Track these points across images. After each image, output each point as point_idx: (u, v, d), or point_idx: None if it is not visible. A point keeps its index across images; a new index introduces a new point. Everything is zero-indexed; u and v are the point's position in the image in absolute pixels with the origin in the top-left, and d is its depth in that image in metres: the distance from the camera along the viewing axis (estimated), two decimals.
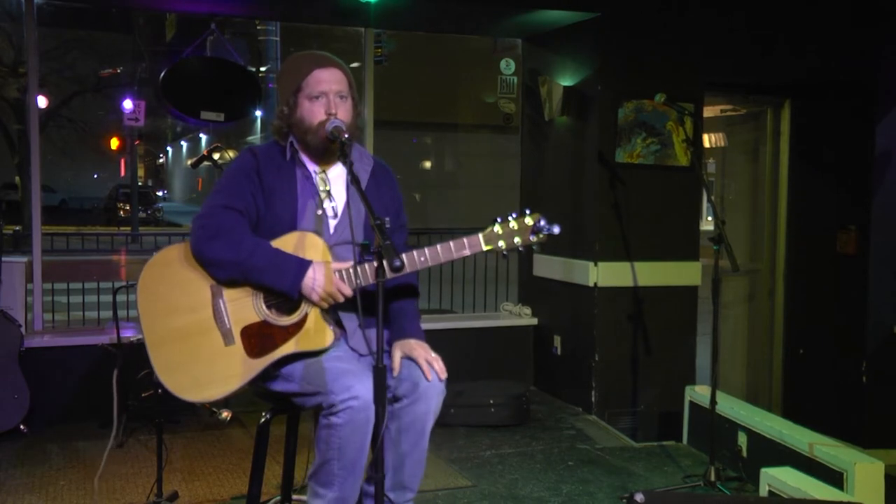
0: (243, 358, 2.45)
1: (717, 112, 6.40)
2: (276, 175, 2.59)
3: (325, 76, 2.55)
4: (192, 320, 2.48)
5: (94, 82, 22.39)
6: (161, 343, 2.50)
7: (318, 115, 2.53)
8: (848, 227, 5.53)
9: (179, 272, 2.52)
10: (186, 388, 2.49)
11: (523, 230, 2.24)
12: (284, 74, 2.64)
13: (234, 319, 2.48)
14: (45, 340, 5.06)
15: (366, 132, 5.78)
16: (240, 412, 4.71)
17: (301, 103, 2.56)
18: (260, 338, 2.45)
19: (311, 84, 2.55)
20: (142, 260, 2.63)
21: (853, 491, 3.54)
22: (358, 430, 2.35)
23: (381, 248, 2.13)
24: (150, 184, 38.44)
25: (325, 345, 2.39)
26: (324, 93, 2.54)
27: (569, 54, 5.52)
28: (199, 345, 2.47)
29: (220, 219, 2.49)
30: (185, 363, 2.49)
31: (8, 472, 4.15)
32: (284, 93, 2.61)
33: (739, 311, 6.37)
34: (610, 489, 4.10)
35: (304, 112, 2.55)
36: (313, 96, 2.54)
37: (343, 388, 2.35)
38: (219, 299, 2.49)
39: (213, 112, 5.25)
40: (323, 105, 2.53)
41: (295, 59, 2.67)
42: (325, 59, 2.60)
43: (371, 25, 5.75)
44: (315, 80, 2.55)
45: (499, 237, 2.28)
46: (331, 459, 2.39)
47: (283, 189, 2.58)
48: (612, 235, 5.20)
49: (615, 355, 5.26)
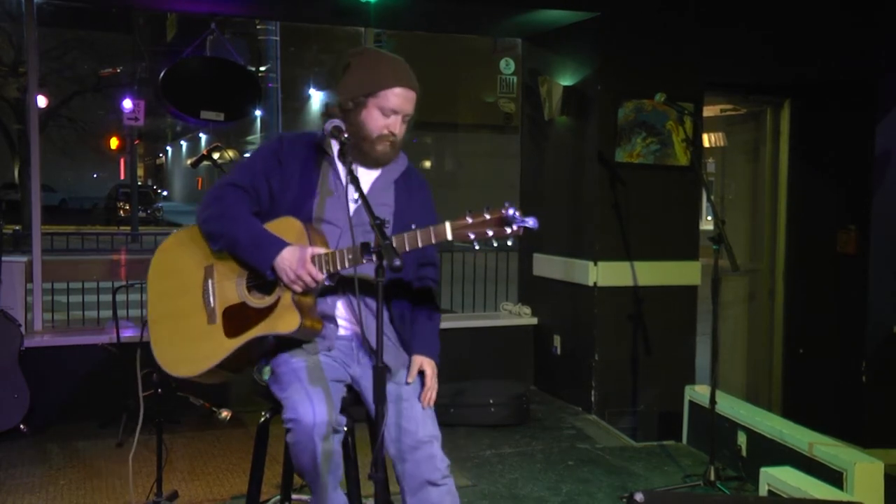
0: (221, 338, 2.49)
1: (717, 112, 6.40)
2: (299, 163, 2.56)
3: (405, 96, 2.51)
4: (185, 300, 2.57)
5: (93, 82, 22.38)
6: (158, 320, 2.62)
7: (380, 128, 2.51)
8: (848, 226, 5.53)
9: (181, 254, 2.63)
10: (172, 363, 2.57)
11: (493, 221, 2.15)
12: (361, 70, 2.54)
13: (219, 300, 2.53)
14: (45, 340, 5.06)
15: None
16: (240, 412, 4.71)
17: (370, 109, 2.50)
18: (238, 318, 2.49)
19: (389, 98, 2.49)
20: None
21: (853, 490, 3.54)
22: (303, 450, 2.36)
23: (380, 248, 2.13)
24: (150, 183, 38.42)
25: (290, 329, 2.38)
26: (396, 112, 2.51)
27: (569, 54, 5.52)
28: (188, 323, 2.56)
29: (221, 193, 2.55)
30: (173, 339, 2.59)
31: (8, 471, 4.15)
32: (353, 87, 2.52)
33: (739, 310, 6.37)
34: (610, 489, 4.10)
35: (369, 119, 2.51)
36: (385, 110, 2.50)
37: (290, 407, 2.37)
38: (209, 280, 2.56)
39: (213, 112, 5.25)
40: (390, 123, 2.51)
41: (377, 60, 2.57)
42: (407, 78, 2.54)
43: (371, 25, 5.74)
44: (394, 95, 2.49)
45: (468, 227, 2.18)
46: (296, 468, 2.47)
47: (304, 178, 2.56)
48: (611, 235, 5.20)
49: (615, 355, 5.26)
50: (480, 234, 2.15)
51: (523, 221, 2.12)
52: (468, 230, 2.17)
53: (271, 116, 24.84)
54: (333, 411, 2.38)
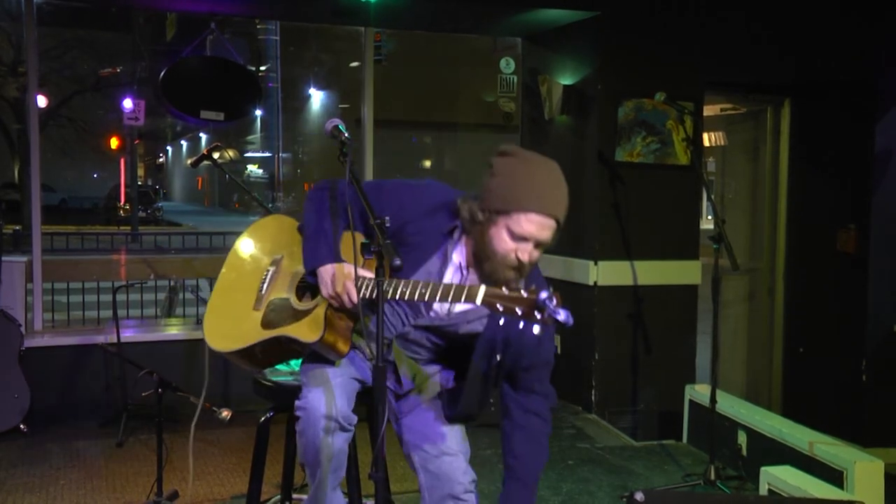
0: (257, 325, 2.49)
1: (717, 111, 6.40)
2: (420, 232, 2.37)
3: (541, 223, 2.22)
4: (247, 280, 2.60)
5: (93, 82, 22.37)
6: (218, 290, 2.66)
7: (506, 251, 2.24)
8: (848, 225, 5.53)
9: (265, 236, 2.68)
10: (210, 332, 2.57)
11: (527, 302, 1.96)
12: (503, 178, 2.24)
13: (271, 289, 2.54)
14: (45, 340, 5.06)
15: (366, 132, 5.79)
16: (240, 412, 4.71)
17: (499, 227, 2.23)
18: (277, 313, 2.48)
19: (522, 223, 2.21)
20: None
21: (853, 489, 3.54)
22: (308, 440, 2.35)
23: (380, 247, 2.11)
24: (150, 183, 38.42)
25: (308, 339, 2.35)
26: (527, 239, 2.23)
27: (569, 53, 5.52)
28: (237, 301, 2.58)
29: (329, 184, 2.49)
30: (221, 311, 2.61)
31: (8, 471, 4.15)
32: (492, 196, 2.24)
33: (739, 309, 6.37)
34: (610, 488, 4.10)
35: (495, 237, 2.24)
36: (515, 234, 2.22)
37: (303, 395, 2.37)
38: (272, 268, 2.58)
39: (213, 111, 5.25)
40: (519, 248, 2.23)
41: (523, 171, 2.25)
42: (551, 203, 2.24)
43: (371, 25, 5.74)
44: (528, 221, 2.20)
45: (501, 297, 2.00)
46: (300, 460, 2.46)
47: (415, 246, 2.38)
48: (611, 234, 5.20)
49: (615, 354, 5.26)
50: (509, 310, 1.98)
51: (556, 312, 1.95)
52: (500, 301, 2.00)
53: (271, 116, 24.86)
54: (345, 409, 2.37)
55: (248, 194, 3.76)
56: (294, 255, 2.52)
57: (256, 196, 4.14)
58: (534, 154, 2.32)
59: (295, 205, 25.93)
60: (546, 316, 1.95)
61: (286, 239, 2.59)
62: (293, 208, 25.41)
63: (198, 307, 6.25)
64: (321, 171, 24.34)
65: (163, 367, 3.86)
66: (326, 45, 21.04)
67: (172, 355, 5.20)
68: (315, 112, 23.98)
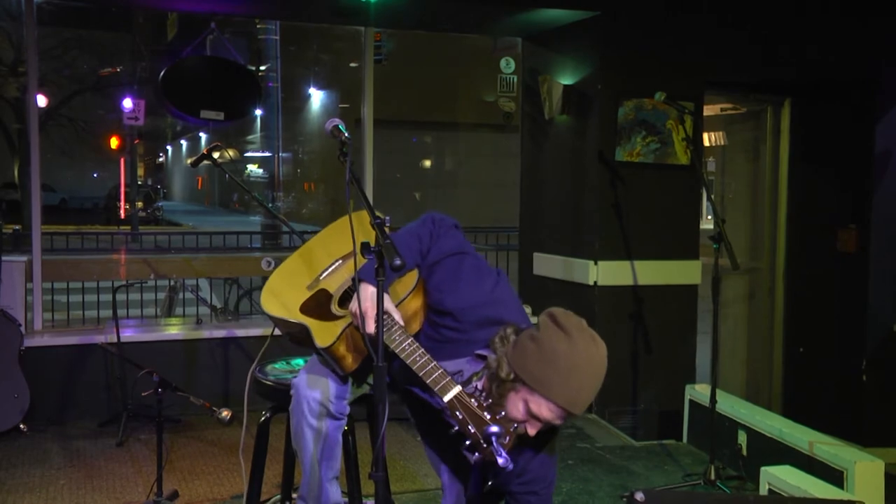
0: (297, 304, 2.55)
1: (717, 111, 6.40)
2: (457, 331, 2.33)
3: (559, 413, 2.15)
4: (320, 259, 2.70)
5: (93, 81, 22.35)
6: (295, 257, 2.76)
7: (516, 417, 2.16)
8: (848, 225, 5.53)
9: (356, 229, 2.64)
10: (267, 289, 2.67)
11: (480, 425, 1.96)
12: (546, 353, 2.14)
13: (326, 279, 2.60)
14: (45, 340, 5.06)
15: (366, 132, 5.79)
16: (240, 411, 4.71)
17: (518, 395, 2.16)
18: (317, 303, 2.54)
19: (543, 408, 2.13)
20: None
21: (853, 489, 3.54)
22: (297, 420, 2.44)
23: (380, 247, 2.12)
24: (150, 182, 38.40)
25: (319, 343, 2.38)
26: (541, 422, 2.17)
27: (569, 53, 5.52)
28: (301, 274, 2.67)
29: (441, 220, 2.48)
30: (282, 275, 2.71)
31: (8, 471, 4.15)
32: (525, 362, 2.14)
33: (739, 309, 6.37)
34: (610, 488, 4.10)
35: (511, 401, 2.17)
36: (532, 414, 2.15)
37: (298, 375, 2.49)
38: (340, 260, 2.65)
39: (213, 111, 5.25)
40: (528, 423, 2.17)
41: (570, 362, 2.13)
42: (580, 404, 2.15)
43: (371, 24, 5.74)
44: (549, 410, 2.13)
45: (467, 408, 1.99)
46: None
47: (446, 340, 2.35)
48: (612, 234, 5.20)
49: (615, 354, 5.20)
50: (462, 423, 1.97)
51: (497, 451, 1.92)
52: (462, 410, 1.98)
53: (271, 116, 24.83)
54: (335, 397, 2.40)
55: (247, 194, 3.77)
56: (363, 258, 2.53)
57: (256, 196, 4.14)
58: (583, 335, 2.20)
59: (295, 205, 25.91)
60: (488, 450, 1.93)
61: (360, 235, 2.56)
62: (293, 208, 25.40)
63: (197, 307, 6.25)
64: (321, 171, 24.34)
65: (162, 367, 3.87)
66: (326, 44, 21.04)
67: (172, 355, 5.20)
68: (315, 112, 23.96)
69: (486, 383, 2.23)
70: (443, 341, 2.32)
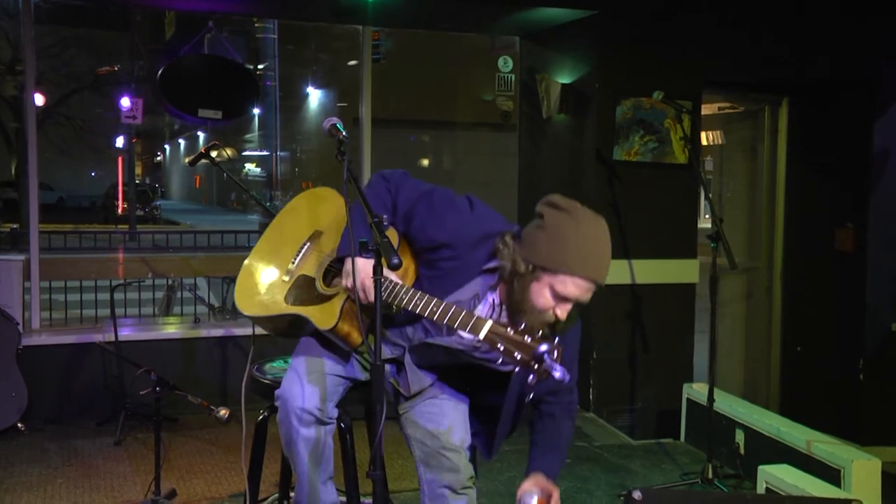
0: (280, 298, 2.52)
1: (715, 110, 6.40)
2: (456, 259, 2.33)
3: (586, 287, 2.21)
4: (283, 248, 2.64)
5: (91, 80, 22.32)
6: (255, 253, 2.71)
7: (545, 305, 2.22)
8: (846, 224, 5.53)
9: (308, 208, 2.71)
10: (239, 293, 2.63)
11: (527, 349, 1.94)
12: (553, 235, 2.22)
13: (301, 265, 2.57)
14: (43, 339, 5.06)
15: (364, 130, 5.79)
16: (238, 410, 4.71)
17: (542, 284, 2.20)
18: (301, 290, 2.51)
19: (569, 286, 2.19)
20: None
21: (850, 488, 3.54)
22: (285, 430, 2.42)
23: (378, 246, 2.12)
24: (148, 181, 38.36)
25: (322, 326, 2.37)
26: (568, 300, 2.22)
27: (566, 52, 5.52)
28: (270, 268, 2.63)
29: (393, 174, 2.48)
30: (252, 274, 2.66)
31: (6, 470, 4.14)
32: (538, 250, 2.21)
33: (737, 308, 6.37)
34: (608, 486, 4.11)
35: (536, 292, 2.21)
36: (558, 294, 2.20)
37: (282, 385, 2.44)
38: (308, 242, 2.60)
39: (211, 110, 5.25)
40: (558, 308, 2.22)
41: (573, 233, 2.22)
42: (597, 268, 2.22)
43: (369, 24, 5.74)
44: (575, 285, 2.19)
45: (505, 338, 1.98)
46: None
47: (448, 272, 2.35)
48: (609, 233, 5.19)
49: (613, 353, 5.26)
50: (508, 352, 1.97)
51: (553, 368, 1.92)
52: (502, 341, 1.98)
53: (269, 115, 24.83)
54: (322, 401, 2.38)
55: (245, 193, 3.76)
56: (332, 234, 2.53)
57: (254, 195, 4.13)
58: (585, 212, 2.29)
59: None
60: (542, 369, 1.93)
61: (333, 216, 2.60)
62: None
63: (195, 306, 6.24)
64: (319, 170, 24.31)
65: (160, 366, 3.86)
66: (325, 43, 21.01)
67: (170, 354, 5.20)
68: (313, 111, 23.95)
69: (505, 288, 2.27)
70: (445, 274, 2.34)
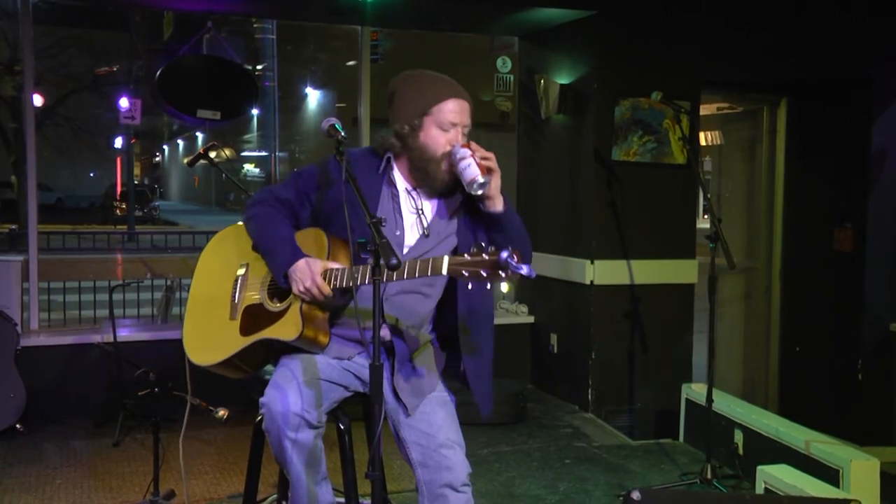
0: (236, 334, 2.52)
1: (714, 110, 6.41)
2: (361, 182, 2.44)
3: (459, 108, 2.46)
4: (219, 291, 2.64)
5: (90, 80, 22.32)
6: (193, 305, 2.71)
7: (443, 145, 2.44)
8: (844, 224, 5.54)
9: (231, 246, 2.71)
10: (192, 349, 2.62)
11: (490, 264, 2.07)
12: (409, 92, 2.50)
13: (243, 297, 2.57)
14: (42, 339, 5.06)
15: (362, 131, 5.79)
16: (237, 410, 4.70)
17: (427, 128, 2.45)
18: (254, 318, 2.51)
19: (444, 112, 2.44)
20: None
21: (849, 488, 3.54)
22: (272, 437, 2.40)
23: (377, 246, 2.13)
24: (147, 182, 38.36)
25: (289, 337, 2.40)
26: (454, 125, 2.45)
27: (565, 52, 5.52)
28: (214, 313, 2.61)
29: (260, 197, 2.62)
30: (199, 326, 2.65)
31: (4, 470, 4.14)
32: (406, 111, 2.47)
33: (736, 308, 6.38)
34: (607, 487, 4.11)
35: (429, 139, 2.44)
36: (444, 125, 2.44)
37: (265, 393, 2.42)
38: (241, 277, 2.61)
39: (210, 110, 5.25)
40: (451, 137, 2.44)
41: (422, 78, 2.52)
42: (458, 90, 2.49)
43: (368, 24, 5.74)
44: (448, 109, 2.45)
45: (464, 264, 2.11)
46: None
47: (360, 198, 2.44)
48: (608, 233, 5.21)
49: (612, 353, 5.27)
50: (474, 274, 2.10)
51: (518, 268, 2.06)
52: (464, 267, 2.11)
53: (268, 115, 24.81)
54: (309, 406, 2.38)
55: (244, 193, 3.76)
56: (259, 259, 2.56)
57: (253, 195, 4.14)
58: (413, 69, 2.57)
59: None
60: (510, 273, 2.07)
61: (249, 246, 2.62)
62: None
63: None
64: None
65: (159, 367, 3.86)
66: (323, 44, 21.00)
67: (169, 354, 5.19)
68: (312, 111, 23.93)
69: (405, 162, 2.49)
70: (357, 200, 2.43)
